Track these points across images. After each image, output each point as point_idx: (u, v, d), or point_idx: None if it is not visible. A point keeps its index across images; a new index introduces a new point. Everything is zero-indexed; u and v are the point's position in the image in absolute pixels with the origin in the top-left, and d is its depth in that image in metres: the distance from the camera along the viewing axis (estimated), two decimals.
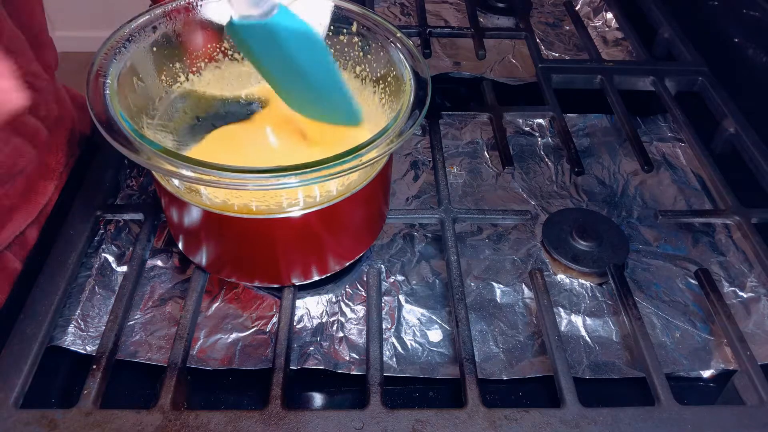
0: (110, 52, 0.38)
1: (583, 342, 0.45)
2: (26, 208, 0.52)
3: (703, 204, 0.56)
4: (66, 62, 0.77)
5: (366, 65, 0.44)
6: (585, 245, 0.49)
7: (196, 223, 0.39)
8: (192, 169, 0.32)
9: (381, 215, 0.46)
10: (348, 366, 0.43)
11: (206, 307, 0.46)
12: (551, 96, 0.61)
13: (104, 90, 0.36)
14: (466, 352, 0.40)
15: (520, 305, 0.47)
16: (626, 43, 0.74)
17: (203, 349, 0.44)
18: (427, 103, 0.37)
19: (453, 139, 0.61)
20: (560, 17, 0.79)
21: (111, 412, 0.36)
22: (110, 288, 0.47)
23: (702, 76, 0.63)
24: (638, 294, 0.48)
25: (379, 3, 0.79)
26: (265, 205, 0.37)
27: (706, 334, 0.46)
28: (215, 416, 0.36)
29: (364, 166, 0.33)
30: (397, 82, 0.41)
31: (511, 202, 0.55)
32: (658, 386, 0.39)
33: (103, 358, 0.39)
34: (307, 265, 0.42)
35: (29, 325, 0.41)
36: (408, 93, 0.38)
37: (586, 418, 0.37)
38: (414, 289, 0.48)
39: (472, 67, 0.70)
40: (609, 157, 0.60)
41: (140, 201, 0.53)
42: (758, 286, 0.48)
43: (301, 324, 0.45)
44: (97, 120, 0.34)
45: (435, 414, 0.37)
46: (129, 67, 0.39)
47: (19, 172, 0.52)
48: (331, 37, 0.44)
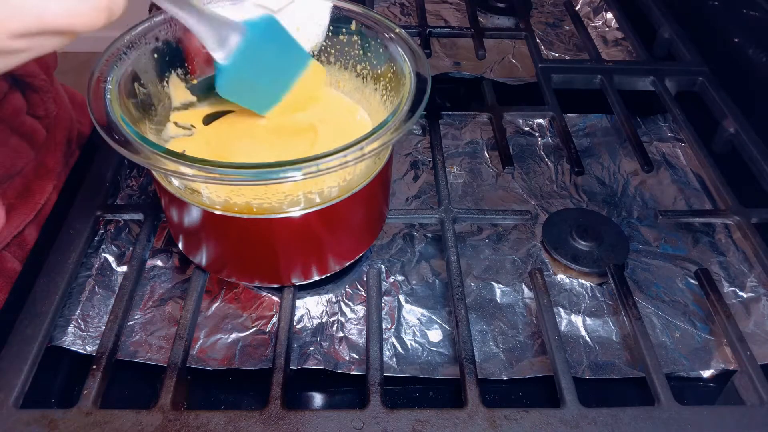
0: (111, 59, 0.38)
1: (583, 342, 0.45)
2: (24, 207, 0.52)
3: (703, 204, 0.56)
4: (66, 62, 0.77)
5: (366, 63, 0.44)
6: (585, 245, 0.49)
7: (196, 223, 0.39)
8: (192, 168, 0.32)
9: (381, 215, 0.46)
10: (348, 366, 0.43)
11: (206, 307, 0.46)
12: (551, 96, 0.61)
13: (105, 95, 0.36)
14: (466, 352, 0.40)
15: (520, 305, 0.47)
16: (626, 43, 0.74)
17: (203, 349, 0.44)
18: (428, 93, 0.37)
19: (453, 139, 0.61)
20: (560, 17, 0.79)
21: (111, 412, 0.36)
22: (110, 288, 0.47)
23: (702, 76, 0.63)
24: (638, 294, 0.48)
25: (379, 3, 0.79)
26: (265, 205, 0.37)
27: (706, 334, 0.46)
28: (215, 416, 0.36)
29: (366, 157, 0.33)
30: (397, 77, 0.41)
31: (511, 202, 0.55)
32: (658, 386, 0.39)
33: (103, 358, 0.39)
34: (307, 265, 0.42)
35: (29, 325, 0.41)
36: (408, 86, 0.38)
37: (586, 418, 0.37)
38: (414, 289, 0.48)
39: (472, 67, 0.70)
40: (609, 157, 0.60)
41: (140, 201, 0.53)
42: (758, 286, 0.48)
43: (301, 324, 0.45)
44: (97, 123, 0.34)
45: (435, 414, 0.37)
46: (130, 73, 0.39)
47: (17, 172, 0.52)
48: (331, 37, 0.44)
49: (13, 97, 0.51)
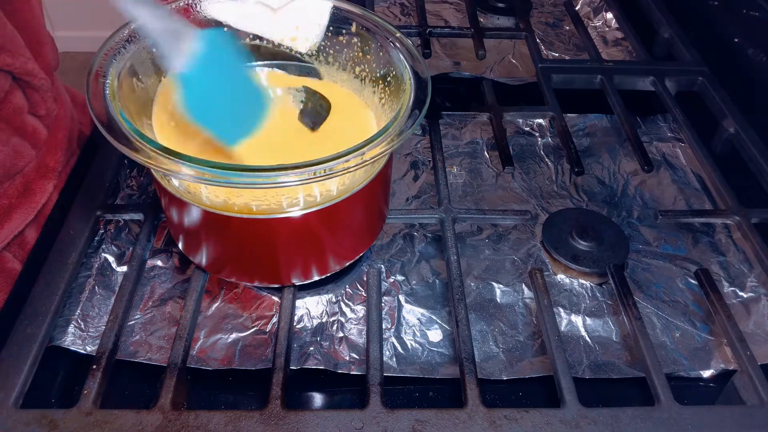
0: (110, 53, 0.38)
1: (583, 342, 0.45)
2: (25, 207, 0.52)
3: (703, 204, 0.56)
4: (66, 62, 0.77)
5: (366, 65, 0.44)
6: (585, 245, 0.49)
7: (196, 223, 0.39)
8: (193, 168, 0.32)
9: (381, 215, 0.46)
10: (348, 366, 0.43)
11: (206, 307, 0.46)
12: (551, 96, 0.61)
13: (104, 90, 0.36)
14: (466, 352, 0.40)
15: (520, 305, 0.47)
16: (626, 43, 0.74)
17: (203, 349, 0.44)
18: (428, 102, 0.37)
19: (453, 139, 0.61)
20: (560, 17, 0.79)
21: (111, 412, 0.36)
22: (110, 288, 0.47)
23: (702, 76, 0.63)
24: (638, 294, 0.48)
25: (379, 3, 0.79)
26: (265, 205, 0.37)
27: (706, 334, 0.46)
28: (215, 416, 0.36)
29: (365, 164, 0.33)
30: (397, 81, 0.41)
31: (511, 202, 0.55)
32: (658, 386, 0.39)
33: (103, 358, 0.39)
34: (307, 265, 0.42)
35: (29, 325, 0.41)
36: (408, 92, 0.38)
37: (586, 418, 0.37)
38: (414, 289, 0.48)
39: (472, 67, 0.70)
40: (609, 157, 0.60)
41: (140, 201, 0.53)
42: (758, 286, 0.48)
43: (301, 324, 0.45)
44: (97, 119, 0.34)
45: (435, 414, 0.37)
46: (128, 68, 0.39)
47: (18, 172, 0.52)
48: (331, 37, 0.44)
49: (13, 96, 0.51)
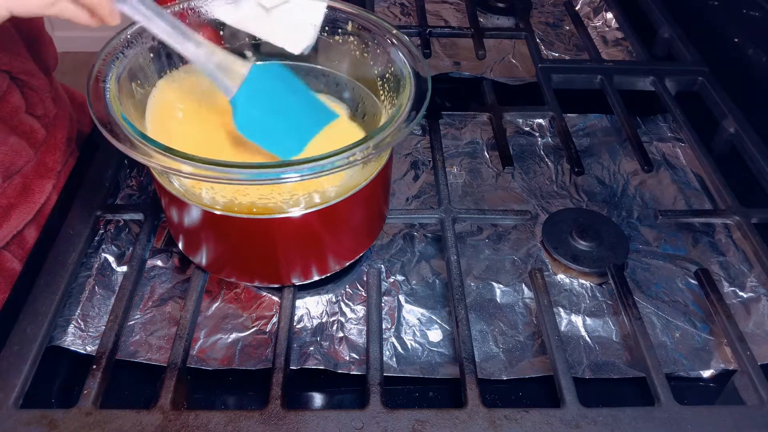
0: (109, 57, 0.38)
1: (583, 342, 0.45)
2: (24, 207, 0.52)
3: (703, 204, 0.56)
4: (66, 62, 0.77)
5: (364, 65, 0.44)
6: (585, 245, 0.49)
7: (196, 223, 0.39)
8: (194, 166, 0.32)
9: (381, 215, 0.46)
10: (348, 366, 0.43)
11: (206, 307, 0.46)
12: (551, 96, 0.61)
13: (105, 93, 0.36)
14: (466, 352, 0.40)
15: (520, 305, 0.47)
16: (626, 43, 0.74)
17: (203, 349, 0.44)
18: (428, 98, 0.37)
19: (453, 139, 0.61)
20: (560, 17, 0.79)
21: (111, 412, 0.36)
22: (110, 288, 0.47)
23: (702, 76, 0.63)
24: (638, 294, 0.48)
25: (379, 3, 0.79)
26: (266, 204, 0.37)
27: (706, 334, 0.46)
28: (215, 416, 0.36)
29: (363, 160, 0.34)
30: (396, 79, 0.41)
31: (511, 202, 0.55)
32: (658, 386, 0.39)
33: (103, 358, 0.39)
34: (307, 265, 0.42)
35: (29, 325, 0.41)
36: (408, 90, 0.38)
37: (586, 418, 0.37)
38: (414, 289, 0.48)
39: (472, 67, 0.70)
40: (609, 157, 0.60)
41: (140, 201, 0.53)
42: (758, 286, 0.48)
43: (301, 324, 0.45)
44: (98, 120, 0.34)
45: (435, 414, 0.37)
46: (128, 72, 0.39)
47: (16, 171, 0.52)
48: (328, 37, 0.44)
49: (11, 95, 0.51)
